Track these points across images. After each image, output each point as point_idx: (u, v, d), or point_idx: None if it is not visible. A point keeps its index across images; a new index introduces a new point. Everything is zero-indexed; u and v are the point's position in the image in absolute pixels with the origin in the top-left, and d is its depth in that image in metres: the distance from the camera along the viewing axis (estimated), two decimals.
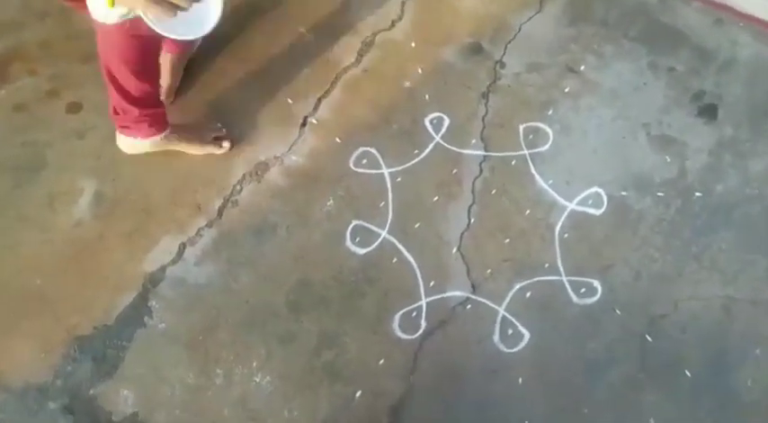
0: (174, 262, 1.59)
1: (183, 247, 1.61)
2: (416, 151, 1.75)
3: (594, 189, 1.71)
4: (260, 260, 1.60)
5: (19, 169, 1.67)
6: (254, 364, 1.50)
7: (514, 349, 1.54)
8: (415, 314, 1.57)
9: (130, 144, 1.61)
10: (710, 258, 1.64)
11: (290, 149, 1.73)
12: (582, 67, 1.87)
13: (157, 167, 1.68)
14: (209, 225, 1.64)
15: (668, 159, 1.75)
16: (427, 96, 1.82)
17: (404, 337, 1.54)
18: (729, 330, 1.57)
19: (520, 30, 1.92)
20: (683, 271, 1.62)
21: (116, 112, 1.52)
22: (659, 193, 1.70)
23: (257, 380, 1.49)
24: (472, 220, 1.67)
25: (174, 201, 1.65)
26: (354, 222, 1.66)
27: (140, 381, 1.48)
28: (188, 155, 1.68)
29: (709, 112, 1.81)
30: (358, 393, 1.48)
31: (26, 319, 1.51)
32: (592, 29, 1.93)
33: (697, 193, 1.71)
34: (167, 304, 1.55)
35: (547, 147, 1.77)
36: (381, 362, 1.51)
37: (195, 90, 1.78)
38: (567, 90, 1.84)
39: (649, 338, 1.55)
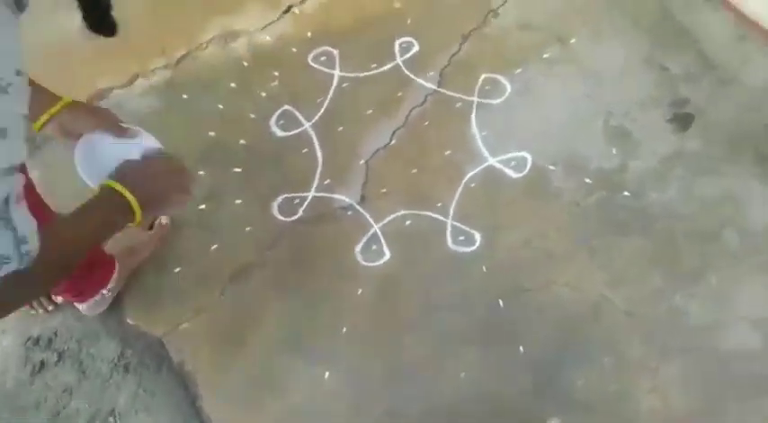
0: (122, 86, 1.77)
1: (135, 77, 1.78)
2: (374, 65, 1.79)
3: (523, 153, 1.66)
4: (192, 109, 1.74)
5: None
6: None
7: (369, 264, 1.56)
8: (297, 201, 1.63)
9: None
10: (606, 257, 1.55)
11: (263, 28, 1.84)
12: (573, 40, 1.79)
13: (145, 7, 1.86)
14: (166, 67, 1.79)
15: (614, 152, 1.65)
16: (409, 21, 1.84)
17: (278, 217, 1.62)
18: (588, 329, 1.48)
19: None
20: (572, 257, 1.55)
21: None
22: (587, 179, 1.62)
23: None
24: (392, 142, 1.69)
25: (145, 39, 1.82)
26: (286, 107, 1.74)
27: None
28: (178, 8, 1.83)
29: (683, 121, 1.68)
30: (214, 246, 1.59)
31: None
32: (602, 6, 1.84)
33: (626, 193, 1.61)
34: None
35: (498, 101, 1.73)
36: (248, 229, 1.60)
37: None
38: (546, 56, 1.78)
39: (501, 304, 1.51)
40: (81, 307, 1.49)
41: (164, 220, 1.58)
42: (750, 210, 1.57)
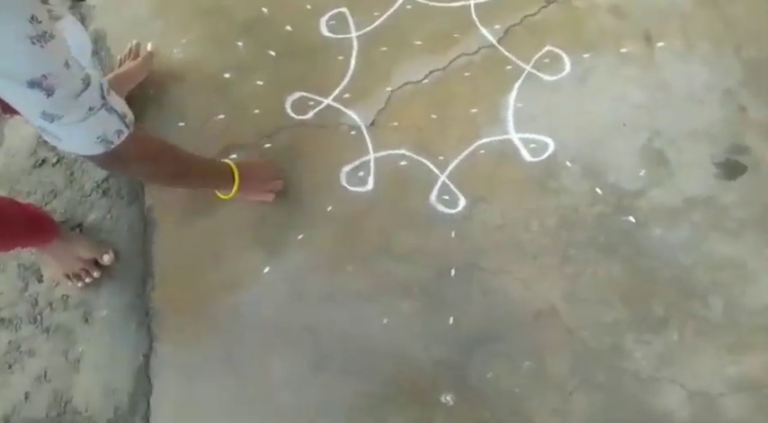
0: None
1: None
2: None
3: (548, 140, 1.57)
4: None
5: None
6: (183, 40, 1.70)
7: (349, 187, 1.57)
8: (311, 103, 1.64)
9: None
10: (576, 271, 1.47)
11: None
12: (660, 44, 1.62)
13: None
14: None
15: (641, 173, 1.53)
16: None
17: (288, 111, 1.64)
18: (523, 330, 1.44)
19: None
20: (541, 257, 1.49)
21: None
22: (598, 190, 1.52)
23: (176, 51, 1.70)
24: (425, 81, 1.64)
25: None
26: (342, 9, 1.71)
27: None
28: None
29: (731, 170, 1.52)
30: (221, 116, 1.64)
31: None
32: (710, 19, 1.63)
33: (631, 218, 1.50)
34: None
35: (550, 78, 1.62)
36: (256, 111, 1.64)
37: None
38: (623, 50, 1.62)
39: (452, 273, 1.49)
40: None
41: (149, 46, 1.67)
42: (751, 286, 1.43)
